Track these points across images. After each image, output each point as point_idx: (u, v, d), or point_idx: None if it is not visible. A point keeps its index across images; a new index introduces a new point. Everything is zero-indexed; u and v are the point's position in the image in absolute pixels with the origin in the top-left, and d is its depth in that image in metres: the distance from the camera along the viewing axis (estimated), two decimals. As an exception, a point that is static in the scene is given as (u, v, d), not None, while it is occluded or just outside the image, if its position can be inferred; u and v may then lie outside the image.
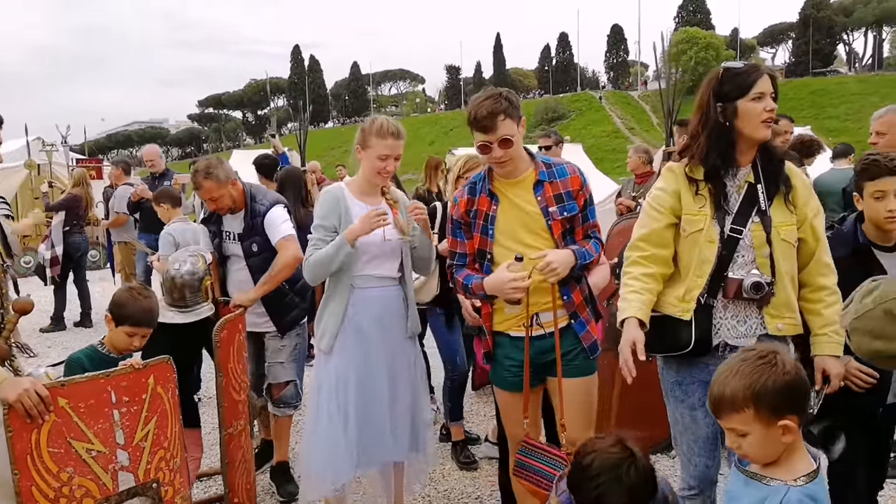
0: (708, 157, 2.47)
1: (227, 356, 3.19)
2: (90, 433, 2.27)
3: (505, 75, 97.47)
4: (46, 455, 2.18)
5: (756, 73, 2.45)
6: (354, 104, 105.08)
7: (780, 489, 1.65)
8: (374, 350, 3.13)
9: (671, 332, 2.49)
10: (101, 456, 2.30)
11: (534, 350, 2.78)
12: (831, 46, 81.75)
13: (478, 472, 4.19)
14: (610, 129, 60.63)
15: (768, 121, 2.42)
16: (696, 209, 2.49)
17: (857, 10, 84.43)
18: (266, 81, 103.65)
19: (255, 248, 3.82)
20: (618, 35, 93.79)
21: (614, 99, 72.53)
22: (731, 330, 2.47)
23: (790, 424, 1.64)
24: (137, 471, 2.41)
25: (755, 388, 1.63)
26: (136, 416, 2.39)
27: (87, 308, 8.59)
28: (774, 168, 2.48)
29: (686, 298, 2.48)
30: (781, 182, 2.46)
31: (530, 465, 2.74)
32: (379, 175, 3.12)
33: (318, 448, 3.11)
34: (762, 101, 2.41)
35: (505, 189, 2.80)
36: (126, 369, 2.41)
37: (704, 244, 2.45)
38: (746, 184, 2.47)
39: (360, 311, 3.12)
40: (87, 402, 2.26)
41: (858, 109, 47.97)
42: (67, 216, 8.35)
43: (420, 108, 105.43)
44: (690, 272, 2.48)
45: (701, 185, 2.49)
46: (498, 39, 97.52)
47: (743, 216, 2.44)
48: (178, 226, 5.39)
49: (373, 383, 3.12)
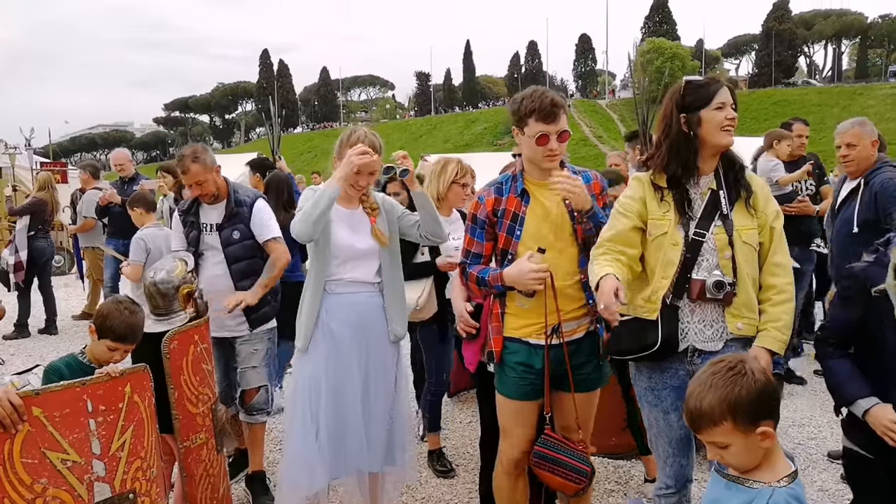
0: (669, 166, 2.58)
1: (178, 368, 3.09)
2: (65, 443, 2.20)
3: (474, 82, 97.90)
4: (19, 466, 2.11)
5: (716, 84, 2.57)
6: (324, 109, 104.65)
7: (765, 491, 1.68)
8: (346, 356, 3.11)
9: (639, 332, 2.55)
10: (77, 466, 2.23)
11: (553, 358, 2.79)
12: (793, 58, 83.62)
13: (455, 479, 4.17)
14: (578, 136, 61.09)
15: (728, 128, 2.54)
16: (660, 214, 2.57)
17: (817, 24, 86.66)
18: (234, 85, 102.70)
19: (237, 236, 3.82)
20: (586, 44, 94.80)
21: (583, 107, 73.23)
22: (699, 334, 2.53)
23: (768, 430, 1.67)
24: (114, 481, 2.34)
25: (730, 399, 1.65)
26: (112, 425, 2.33)
27: (52, 315, 8.39)
28: (735, 175, 2.58)
29: (652, 299, 2.54)
30: (742, 188, 2.57)
31: (555, 459, 2.75)
32: (352, 187, 3.11)
33: (292, 454, 3.09)
34: (723, 110, 2.52)
35: (536, 190, 2.83)
36: (102, 377, 2.35)
37: (668, 247, 2.53)
38: (709, 190, 2.57)
39: (333, 316, 3.11)
40: (63, 412, 2.19)
41: (820, 120, 49.08)
42: (32, 220, 8.14)
43: (390, 114, 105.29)
44: (656, 274, 2.55)
45: (665, 193, 2.58)
46: (468, 47, 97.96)
47: (706, 220, 2.53)
48: (150, 231, 5.31)
49: (345, 390, 3.10)
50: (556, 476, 2.75)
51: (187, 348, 3.17)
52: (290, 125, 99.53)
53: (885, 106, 55.83)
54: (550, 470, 2.75)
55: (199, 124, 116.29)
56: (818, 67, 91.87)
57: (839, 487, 3.85)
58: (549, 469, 2.76)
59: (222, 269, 3.83)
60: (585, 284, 2.76)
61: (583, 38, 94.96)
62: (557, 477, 2.74)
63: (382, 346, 3.24)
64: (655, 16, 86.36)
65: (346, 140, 3.11)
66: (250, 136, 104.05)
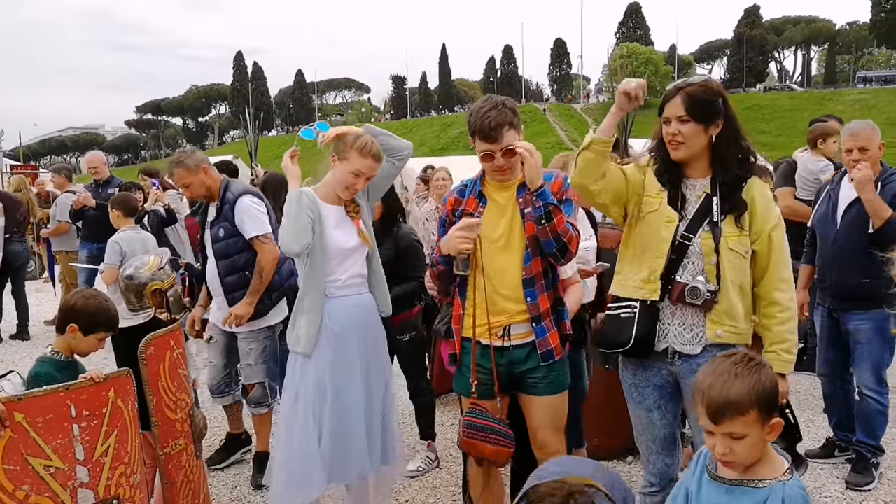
0: (657, 164, 2.62)
1: (156, 374, 3.05)
2: (48, 449, 2.17)
3: (450, 86, 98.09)
4: (1, 473, 2.08)
5: (669, 94, 2.53)
6: (299, 112, 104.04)
7: (776, 487, 1.67)
8: (349, 359, 3.10)
9: (616, 329, 2.58)
10: (60, 472, 2.20)
11: (505, 360, 2.81)
12: (764, 64, 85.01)
13: (438, 482, 4.17)
14: (554, 140, 61.47)
15: (672, 143, 2.50)
16: (654, 192, 2.58)
17: (787, 30, 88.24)
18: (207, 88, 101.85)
19: (222, 234, 3.90)
20: (561, 49, 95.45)
21: (558, 111, 73.72)
22: (678, 336, 2.55)
23: (779, 422, 1.68)
24: (97, 487, 2.32)
25: (758, 388, 1.65)
26: (96, 430, 2.30)
27: (25, 320, 8.20)
28: (730, 189, 2.52)
29: (651, 279, 2.54)
30: (733, 203, 2.51)
31: (482, 426, 2.74)
32: (346, 189, 3.09)
33: (290, 459, 3.04)
34: (668, 125, 2.51)
35: (493, 192, 2.86)
36: (86, 382, 2.32)
37: (662, 224, 2.54)
38: (704, 194, 2.54)
39: (336, 320, 3.08)
40: (46, 417, 2.16)
41: (791, 125, 49.93)
42: (7, 223, 7.91)
43: (365, 117, 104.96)
44: (649, 252, 2.56)
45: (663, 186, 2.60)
46: (444, 50, 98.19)
47: (696, 223, 2.52)
48: (126, 234, 5.24)
49: (349, 394, 3.09)
50: (488, 444, 2.72)
51: (164, 354, 3.13)
52: (264, 128, 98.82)
53: (853, 111, 56.84)
54: (483, 439, 2.73)
55: (171, 127, 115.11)
56: (788, 73, 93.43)
57: (817, 486, 3.92)
58: (481, 438, 2.73)
59: (213, 265, 3.95)
60: (526, 282, 2.76)
61: (558, 43, 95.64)
62: (489, 444, 2.72)
63: (380, 345, 3.27)
64: (629, 21, 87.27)
65: (352, 141, 3.07)
66: (224, 138, 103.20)
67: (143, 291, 3.38)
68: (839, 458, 4.18)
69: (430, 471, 4.28)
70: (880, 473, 3.95)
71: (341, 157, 3.06)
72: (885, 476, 3.99)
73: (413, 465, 4.25)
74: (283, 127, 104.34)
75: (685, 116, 2.46)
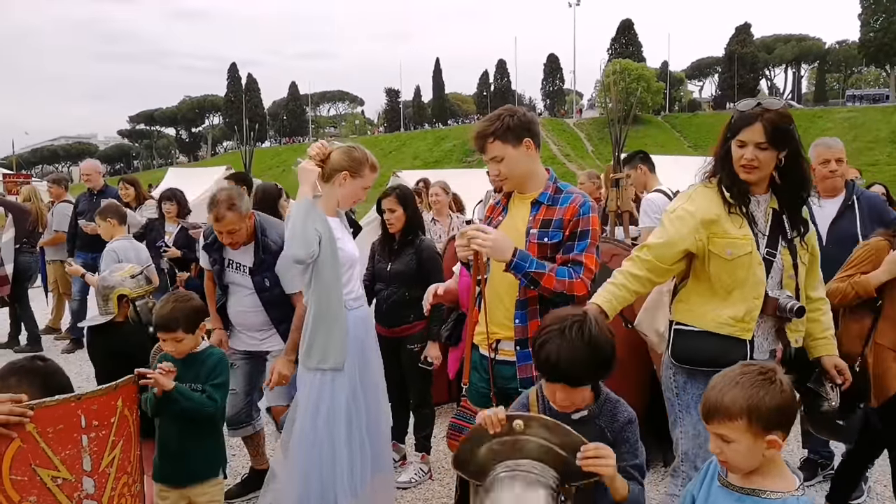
0: (721, 179, 2.67)
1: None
2: (57, 459, 2.15)
3: (444, 99, 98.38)
4: (8, 483, 2.06)
5: (748, 119, 2.55)
6: (293, 124, 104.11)
7: (788, 500, 1.69)
8: (369, 367, 3.18)
9: (725, 348, 2.58)
10: (67, 484, 2.19)
11: (496, 372, 2.81)
12: (755, 81, 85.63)
13: (430, 493, 4.20)
14: (546, 155, 61.75)
15: (746, 167, 2.55)
16: (738, 233, 2.60)
17: (777, 48, 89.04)
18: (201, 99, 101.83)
19: (268, 283, 3.73)
20: (554, 64, 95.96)
21: (550, 126, 73.98)
22: (758, 347, 2.65)
23: (776, 440, 1.69)
24: (102, 498, 2.30)
25: (752, 401, 1.67)
26: (104, 440, 2.30)
27: (18, 331, 8.13)
28: (796, 208, 2.67)
29: (746, 319, 2.60)
30: (802, 223, 2.68)
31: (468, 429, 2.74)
32: (353, 203, 3.26)
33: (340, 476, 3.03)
34: (743, 148, 2.55)
35: (514, 204, 2.91)
36: (99, 391, 2.32)
37: (756, 266, 2.59)
38: (771, 210, 2.65)
39: (359, 332, 3.15)
40: (56, 427, 2.15)
41: (780, 142, 50.13)
42: (17, 233, 7.82)
43: (359, 130, 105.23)
44: (746, 292, 2.60)
45: (733, 206, 2.63)
46: (437, 64, 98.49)
47: (773, 239, 2.63)
48: (121, 243, 5.27)
49: (371, 399, 3.15)
50: None
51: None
52: (258, 139, 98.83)
53: (842, 129, 57.39)
54: None
55: (164, 137, 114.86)
56: (779, 90, 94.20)
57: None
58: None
59: (252, 301, 3.79)
60: (519, 303, 2.73)
61: (551, 58, 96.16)
62: None
63: (378, 353, 3.35)
64: (622, 37, 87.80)
65: (363, 158, 3.19)
66: (217, 149, 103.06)
67: (109, 295, 3.46)
68: (821, 477, 4.19)
69: (422, 482, 4.31)
70: (869, 487, 4.01)
71: (355, 175, 3.15)
72: (874, 490, 4.05)
73: (406, 476, 4.28)
74: (277, 138, 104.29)
75: (764, 144, 2.52)
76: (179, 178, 20.53)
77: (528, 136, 2.78)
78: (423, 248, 4.20)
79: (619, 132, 5.97)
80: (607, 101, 11.80)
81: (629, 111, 14.50)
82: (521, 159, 2.78)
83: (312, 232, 2.99)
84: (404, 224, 4.20)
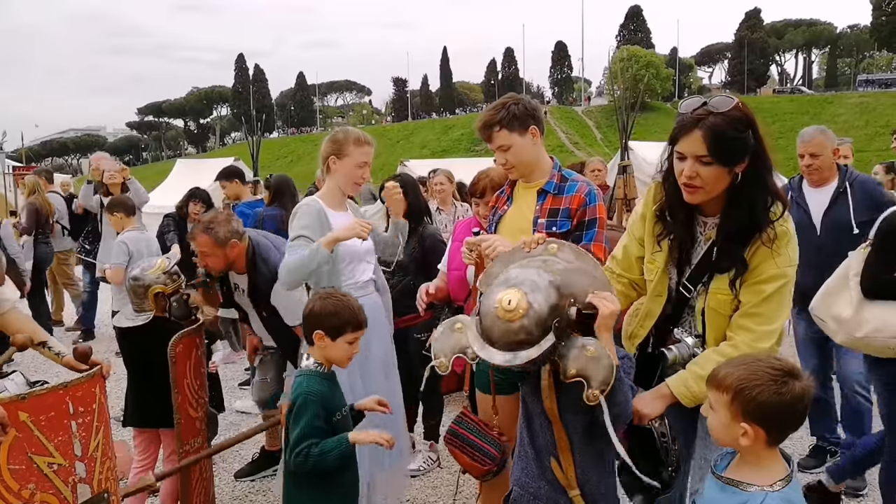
0: (665, 203, 2.23)
1: (182, 372, 3.10)
2: (51, 446, 2.18)
3: (451, 88, 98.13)
4: (7, 474, 2.08)
5: (686, 125, 2.01)
6: (300, 115, 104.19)
7: (757, 496, 1.68)
8: (373, 356, 3.15)
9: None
10: (62, 469, 2.21)
11: None
12: (765, 67, 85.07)
13: (438, 481, 4.20)
14: (555, 143, 61.48)
15: (688, 187, 2.03)
16: (650, 255, 2.28)
17: (788, 33, 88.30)
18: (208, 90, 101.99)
19: (265, 315, 3.64)
20: (562, 51, 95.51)
21: (559, 114, 73.70)
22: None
23: (749, 431, 1.67)
24: (93, 482, 2.33)
25: (743, 384, 1.66)
26: (89, 426, 2.32)
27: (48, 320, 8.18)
28: (735, 241, 2.07)
29: (631, 341, 2.41)
30: (734, 263, 2.08)
31: (465, 437, 2.71)
32: (355, 185, 3.17)
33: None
34: (682, 161, 2.03)
35: (519, 193, 2.90)
36: (82, 378, 2.33)
37: (652, 297, 2.28)
38: (710, 240, 2.15)
39: None
40: (48, 415, 2.18)
41: (791, 128, 49.93)
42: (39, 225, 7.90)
43: (367, 119, 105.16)
44: (637, 320, 2.37)
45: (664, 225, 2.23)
46: (445, 53, 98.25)
47: (698, 274, 2.17)
48: (131, 234, 5.30)
49: (375, 388, 3.12)
50: (464, 455, 2.70)
51: (190, 352, 3.19)
52: (266, 130, 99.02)
53: (853, 114, 56.95)
54: (461, 448, 2.71)
55: (173, 129, 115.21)
56: (789, 76, 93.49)
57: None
58: (459, 447, 2.72)
59: (260, 326, 3.80)
60: None
61: (559, 46, 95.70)
62: (465, 456, 2.69)
63: (391, 343, 3.37)
64: (630, 24, 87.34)
65: (344, 138, 3.14)
66: (225, 140, 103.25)
67: (146, 294, 3.40)
68: (830, 462, 4.13)
69: (430, 470, 4.31)
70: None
71: (341, 156, 3.11)
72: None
73: (414, 464, 4.28)
74: (285, 129, 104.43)
75: (706, 157, 1.97)
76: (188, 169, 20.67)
77: (534, 124, 2.79)
78: (427, 237, 4.18)
79: (627, 119, 5.91)
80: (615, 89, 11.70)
81: (638, 98, 14.41)
82: (527, 147, 2.79)
83: (310, 275, 3.02)
84: (405, 211, 4.15)
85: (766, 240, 2.03)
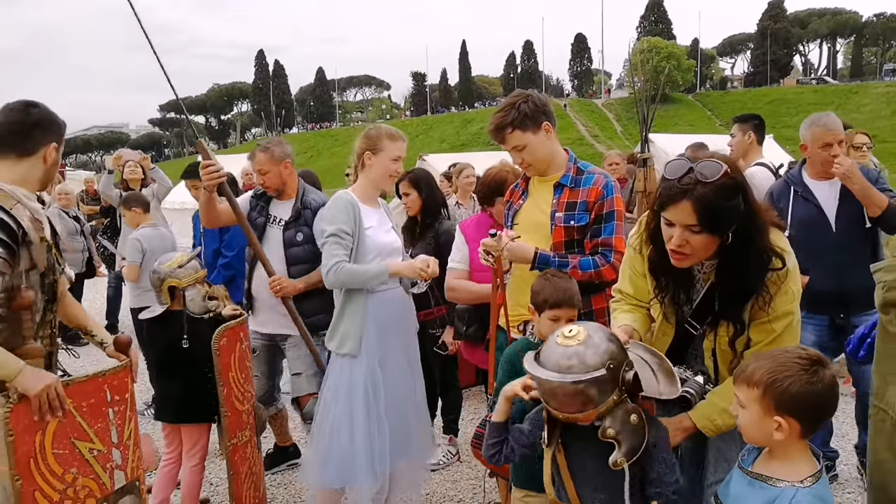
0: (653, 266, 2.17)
1: (227, 365, 3.11)
2: (91, 432, 2.26)
3: (471, 82, 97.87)
4: (51, 457, 2.15)
5: (674, 194, 1.91)
6: (320, 110, 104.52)
7: (788, 491, 1.64)
8: (394, 350, 3.17)
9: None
10: (101, 455, 2.30)
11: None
12: (788, 57, 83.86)
13: (458, 475, 4.23)
14: (574, 136, 61.18)
15: (676, 254, 1.98)
16: (650, 292, 2.23)
17: (812, 22, 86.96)
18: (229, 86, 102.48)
19: (300, 238, 3.78)
20: (581, 44, 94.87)
21: (579, 107, 73.30)
22: None
23: (783, 424, 1.63)
24: (127, 469, 2.41)
25: (773, 376, 1.63)
26: (123, 414, 2.40)
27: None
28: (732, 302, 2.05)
29: None
30: (734, 320, 2.07)
31: None
32: (390, 178, 3.21)
33: (358, 456, 3.04)
34: (671, 228, 1.96)
35: (534, 187, 2.90)
36: (117, 368, 2.40)
37: (658, 336, 2.26)
38: (710, 280, 2.10)
39: (379, 314, 3.13)
40: (89, 402, 2.26)
41: (814, 119, 49.09)
42: None
43: (386, 114, 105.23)
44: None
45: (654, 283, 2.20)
46: (464, 46, 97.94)
47: (701, 312, 2.14)
48: (146, 231, 5.27)
49: (401, 386, 3.16)
50: None
51: (234, 345, 3.20)
52: (286, 125, 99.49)
53: (879, 104, 56.08)
54: None
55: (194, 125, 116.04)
56: (813, 66, 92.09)
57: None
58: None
59: (280, 267, 3.75)
60: None
61: (578, 38, 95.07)
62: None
63: (415, 337, 3.37)
64: (651, 15, 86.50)
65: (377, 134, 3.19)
66: (246, 136, 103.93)
67: (161, 287, 3.46)
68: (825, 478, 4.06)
69: (450, 464, 4.33)
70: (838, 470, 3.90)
71: (376, 151, 3.13)
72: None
73: (434, 458, 4.30)
74: (304, 124, 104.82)
75: (696, 227, 1.91)
76: (209, 164, 20.66)
77: (546, 119, 2.78)
78: (442, 233, 4.20)
79: (647, 111, 5.89)
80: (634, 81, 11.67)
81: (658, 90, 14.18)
82: (542, 143, 2.78)
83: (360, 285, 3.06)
84: (421, 207, 4.20)
85: (762, 303, 2.01)
